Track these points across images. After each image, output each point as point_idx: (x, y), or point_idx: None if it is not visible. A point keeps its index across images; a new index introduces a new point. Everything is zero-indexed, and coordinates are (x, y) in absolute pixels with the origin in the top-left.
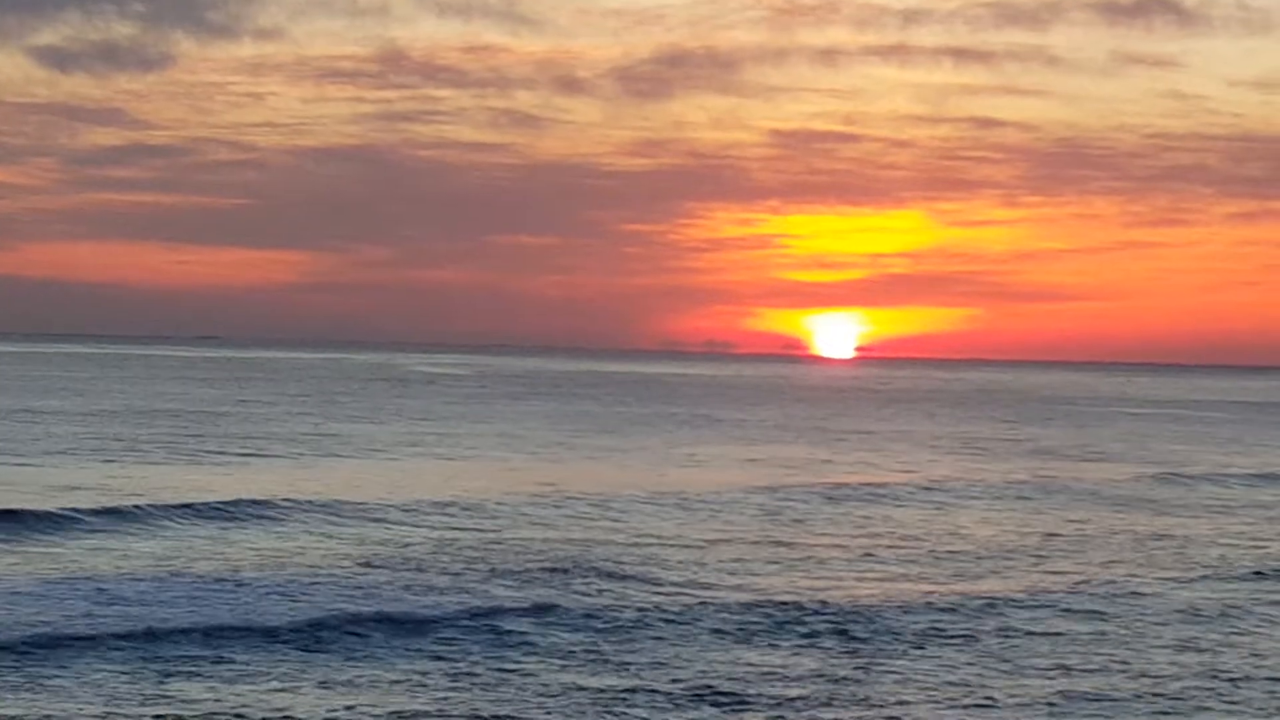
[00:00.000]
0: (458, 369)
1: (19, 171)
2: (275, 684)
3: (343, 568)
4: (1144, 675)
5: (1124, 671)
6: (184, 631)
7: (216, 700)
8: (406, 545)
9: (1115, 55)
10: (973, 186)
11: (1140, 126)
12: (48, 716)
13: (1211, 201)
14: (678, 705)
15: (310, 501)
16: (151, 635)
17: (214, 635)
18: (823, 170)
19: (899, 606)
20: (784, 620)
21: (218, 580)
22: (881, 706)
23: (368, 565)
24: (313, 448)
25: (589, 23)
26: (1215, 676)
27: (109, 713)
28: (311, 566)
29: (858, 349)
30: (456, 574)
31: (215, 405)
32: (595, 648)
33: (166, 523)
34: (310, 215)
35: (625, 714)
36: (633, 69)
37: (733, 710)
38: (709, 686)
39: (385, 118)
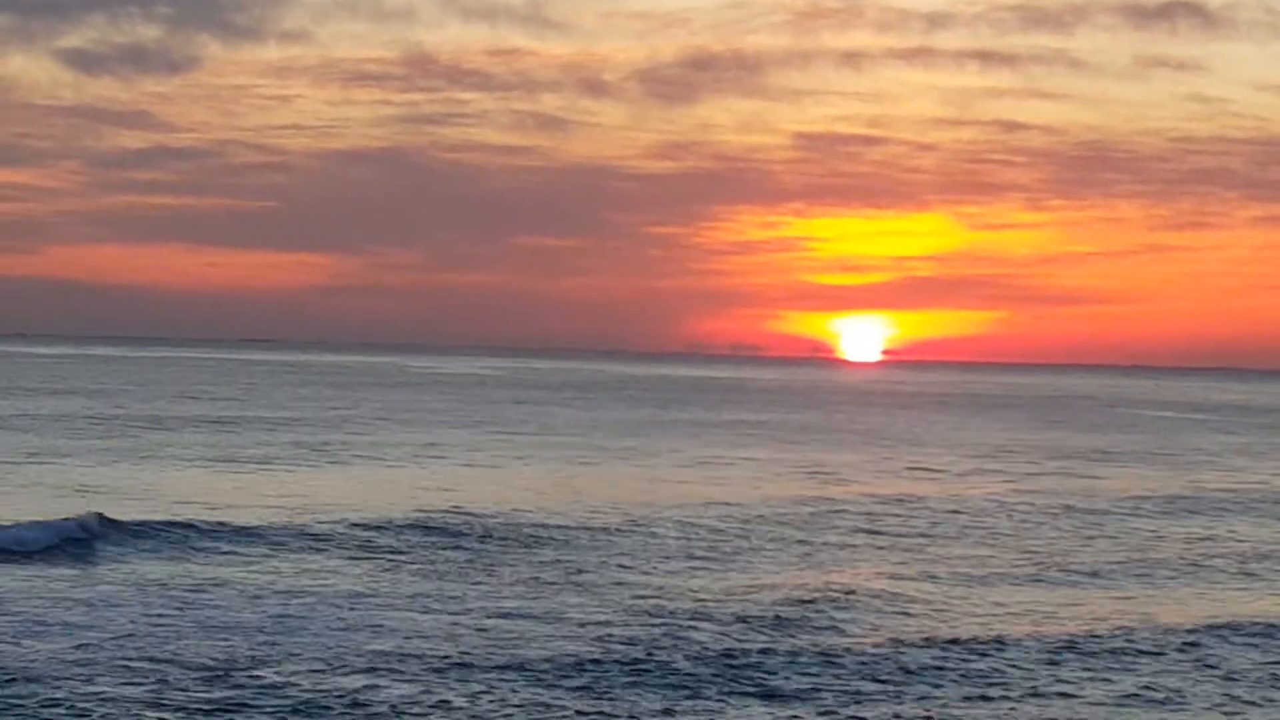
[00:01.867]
0: (487, 370)
1: (45, 174)
2: None
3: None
4: None
5: None
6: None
7: None
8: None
9: (1139, 58)
10: (997, 189)
11: (1164, 130)
12: None
13: (1236, 205)
14: None
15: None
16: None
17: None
18: (847, 173)
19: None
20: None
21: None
22: None
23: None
24: (405, 456)
25: (614, 26)
26: None
27: None
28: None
29: (885, 352)
30: (692, 611)
31: (270, 410)
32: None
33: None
34: (337, 218)
35: None
36: (658, 72)
37: None
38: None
39: (411, 120)
